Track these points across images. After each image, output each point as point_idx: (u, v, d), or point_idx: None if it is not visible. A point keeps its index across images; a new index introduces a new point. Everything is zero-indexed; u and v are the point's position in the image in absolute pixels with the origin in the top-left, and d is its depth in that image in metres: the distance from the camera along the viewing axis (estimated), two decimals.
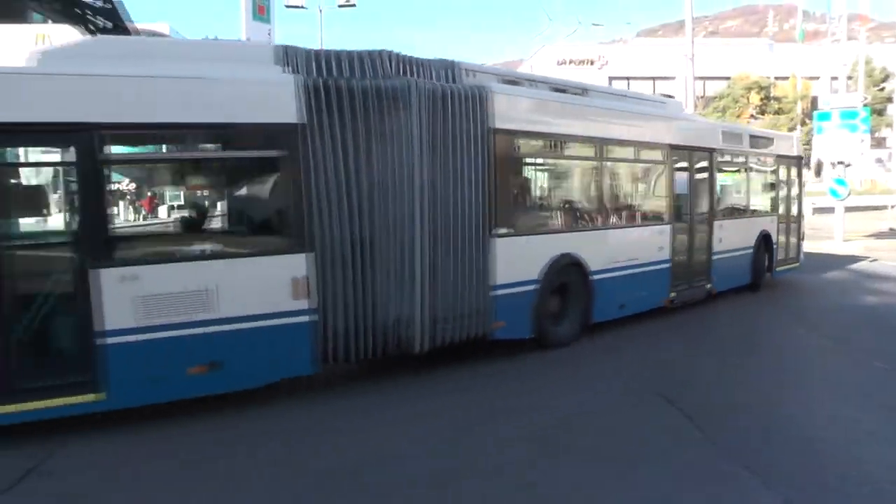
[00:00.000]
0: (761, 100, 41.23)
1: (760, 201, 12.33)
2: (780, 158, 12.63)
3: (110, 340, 5.28)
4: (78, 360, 5.30)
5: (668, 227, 9.58)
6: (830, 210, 20.31)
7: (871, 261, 15.37)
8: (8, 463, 4.82)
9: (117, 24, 6.31)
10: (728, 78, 42.48)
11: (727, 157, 11.25)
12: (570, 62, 42.02)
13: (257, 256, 6.02)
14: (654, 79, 41.93)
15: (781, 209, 12.77)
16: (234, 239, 6.24)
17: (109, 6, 5.97)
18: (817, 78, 40.75)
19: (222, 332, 5.67)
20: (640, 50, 47.03)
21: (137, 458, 4.95)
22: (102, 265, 5.28)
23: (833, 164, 19.57)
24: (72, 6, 6.07)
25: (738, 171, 11.90)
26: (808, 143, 31.67)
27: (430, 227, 6.63)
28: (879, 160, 43.36)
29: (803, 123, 39.96)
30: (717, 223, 10.63)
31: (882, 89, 41.05)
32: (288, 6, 25.87)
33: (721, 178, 11.19)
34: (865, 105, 19.35)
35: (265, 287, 5.88)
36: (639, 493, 4.39)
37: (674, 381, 6.69)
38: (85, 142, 5.25)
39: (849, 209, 19.88)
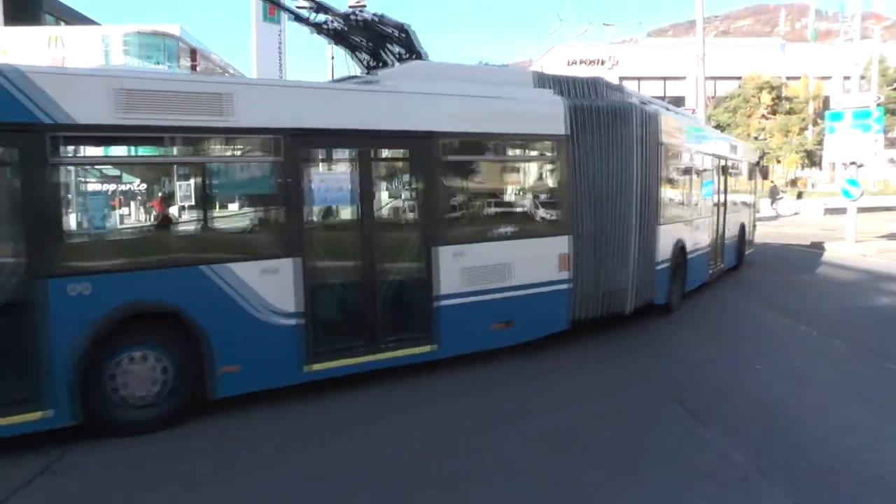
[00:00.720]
0: (772, 100, 40.94)
1: (739, 199, 14.96)
2: (748, 164, 15.86)
3: (443, 303, 6.82)
4: (421, 319, 6.78)
5: (710, 220, 12.16)
6: (843, 211, 20.15)
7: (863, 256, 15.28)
8: (20, 462, 4.88)
9: (411, 50, 7.54)
10: (739, 78, 42.19)
11: (729, 164, 13.67)
12: (581, 62, 41.93)
13: (538, 238, 7.77)
14: (664, 79, 41.80)
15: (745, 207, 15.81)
16: (523, 223, 7.89)
17: (404, 35, 7.39)
18: (829, 78, 40.46)
19: (514, 297, 7.34)
20: (651, 50, 46.89)
21: (143, 461, 5.01)
22: (440, 244, 6.79)
23: (845, 165, 19.42)
24: (378, 39, 7.50)
25: (731, 174, 14.05)
26: (820, 143, 31.50)
27: (638, 217, 8.58)
28: (892, 160, 43.00)
29: (815, 123, 39.73)
30: (726, 216, 13.14)
31: None
32: (299, 7, 25.88)
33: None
34: (879, 105, 19.05)
35: (543, 261, 7.64)
36: (649, 492, 4.41)
37: (689, 382, 6.73)
38: (429, 146, 6.73)
39: (861, 210, 19.70)
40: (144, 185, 6.02)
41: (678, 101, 36.18)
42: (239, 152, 6.35)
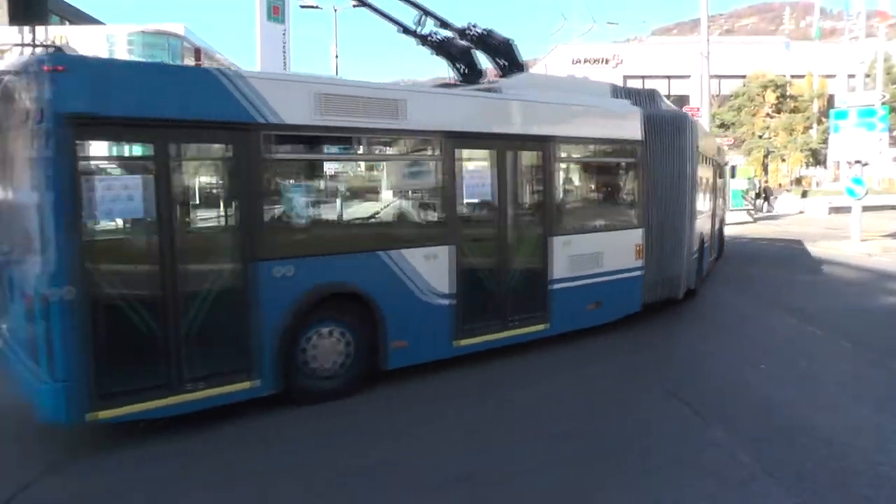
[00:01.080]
0: (777, 98, 40.79)
1: (719, 196, 16.18)
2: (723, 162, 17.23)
3: (555, 286, 7.83)
4: (538, 300, 7.72)
5: (708, 214, 13.06)
6: (847, 209, 20.06)
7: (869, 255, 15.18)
8: (25, 461, 4.91)
9: (513, 62, 8.36)
10: (744, 76, 42.05)
11: (718, 162, 15.04)
12: (585, 61, 41.83)
13: (621, 230, 8.83)
14: (669, 77, 41.66)
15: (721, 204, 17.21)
16: (610, 217, 9.00)
17: (508, 49, 8.25)
18: (834, 76, 40.31)
19: (604, 282, 8.37)
20: (655, 48, 46.77)
21: (145, 464, 5.03)
22: (554, 234, 7.79)
23: (850, 164, 19.32)
24: (489, 52, 8.37)
25: (718, 172, 15.35)
26: (825, 141, 31.39)
27: (688, 213, 9.70)
28: None
29: (819, 122, 39.58)
30: (715, 211, 14.43)
31: None
32: (303, 6, 25.83)
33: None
34: (883, 103, 18.92)
35: (624, 250, 8.72)
36: (653, 492, 4.39)
37: (694, 381, 6.70)
38: (548, 148, 7.73)
39: (866, 209, 19.59)
40: (334, 180, 6.77)
41: (682, 100, 36.11)
42: (409, 151, 7.14)
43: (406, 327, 6.53)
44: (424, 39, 7.96)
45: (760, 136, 40.07)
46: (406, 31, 7.83)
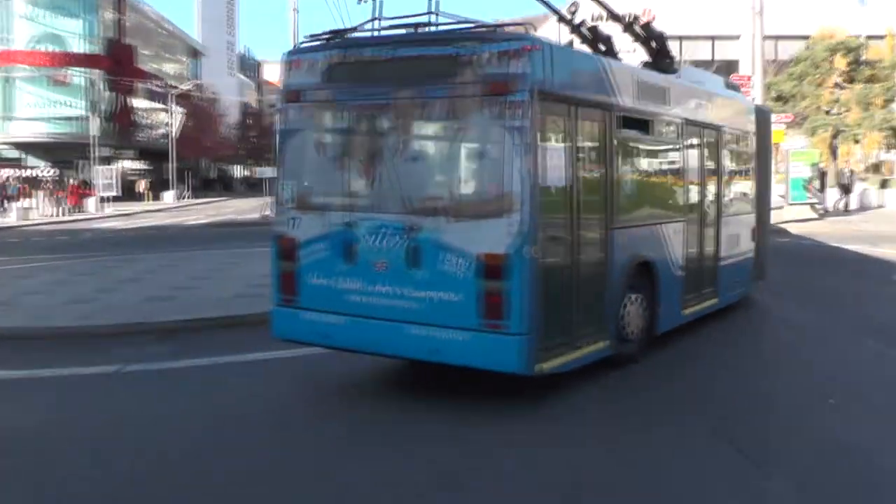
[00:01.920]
0: (848, 64, 40.87)
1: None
2: None
3: (721, 263, 10.25)
4: (713, 277, 10.08)
5: None
6: None
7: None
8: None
9: (667, 53, 10.25)
10: (807, 37, 42.16)
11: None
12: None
13: (745, 214, 11.42)
14: (713, 38, 41.84)
15: None
16: (741, 203, 11.39)
17: (662, 38, 10.35)
18: None
19: (738, 261, 10.92)
20: (696, 2, 46.90)
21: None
22: (723, 215, 10.27)
23: None
24: (646, 42, 10.40)
25: None
26: None
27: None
28: None
29: None
30: None
31: None
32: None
33: None
34: None
35: (747, 233, 11.37)
36: None
37: (743, 416, 6.67)
38: (718, 137, 10.32)
39: None
40: (640, 158, 8.79)
41: (730, 66, 36.18)
42: (669, 134, 9.21)
43: (665, 296, 8.48)
44: (577, 28, 9.50)
45: (828, 112, 40.18)
46: (561, 19, 9.62)
